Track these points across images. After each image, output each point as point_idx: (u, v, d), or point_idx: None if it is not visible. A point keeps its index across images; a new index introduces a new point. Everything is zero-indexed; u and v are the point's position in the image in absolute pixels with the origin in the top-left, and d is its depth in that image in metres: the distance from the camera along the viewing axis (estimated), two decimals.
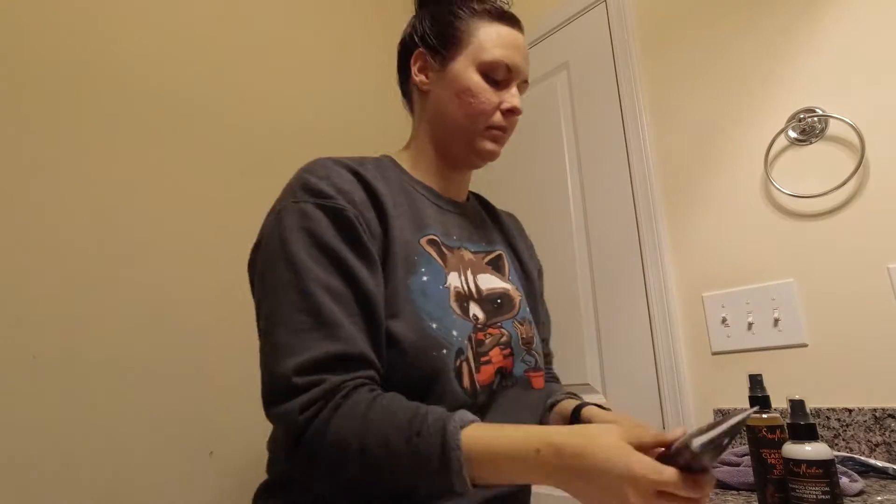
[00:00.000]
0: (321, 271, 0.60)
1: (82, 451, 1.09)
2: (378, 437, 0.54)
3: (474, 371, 0.66)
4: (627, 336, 1.34)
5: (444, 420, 0.54)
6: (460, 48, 0.75)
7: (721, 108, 1.24)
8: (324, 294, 0.59)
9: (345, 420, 0.55)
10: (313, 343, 0.57)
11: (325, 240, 0.61)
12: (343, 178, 0.66)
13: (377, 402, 0.56)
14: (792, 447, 0.66)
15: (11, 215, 1.10)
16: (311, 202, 0.63)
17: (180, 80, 1.41)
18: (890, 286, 0.97)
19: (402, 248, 0.67)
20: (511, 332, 0.73)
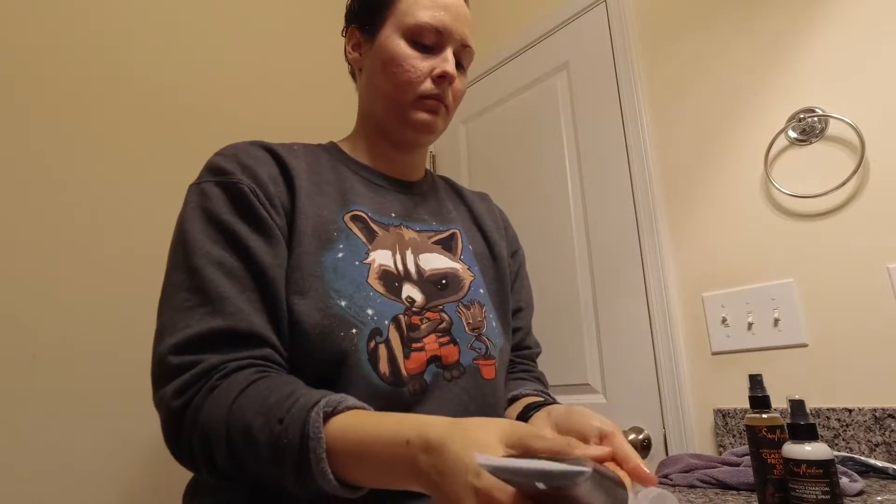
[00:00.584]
0: (212, 247, 0.57)
1: (82, 451, 1.09)
2: (240, 424, 0.48)
3: (401, 357, 0.61)
4: (627, 336, 1.34)
5: (310, 405, 0.46)
6: (386, 17, 0.71)
7: (721, 108, 1.24)
8: (212, 269, 0.56)
9: (214, 405, 0.50)
10: (194, 320, 0.53)
11: (219, 216, 0.58)
12: (250, 155, 0.64)
13: (255, 385, 0.50)
14: (792, 447, 0.66)
15: (11, 215, 1.10)
16: (211, 181, 0.61)
17: (180, 79, 1.41)
18: (890, 286, 0.97)
19: (315, 224, 0.63)
20: (452, 318, 0.67)
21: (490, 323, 0.72)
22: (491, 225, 0.84)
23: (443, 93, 0.70)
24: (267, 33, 1.65)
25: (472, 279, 0.73)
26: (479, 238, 0.81)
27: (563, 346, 1.45)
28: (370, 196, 0.71)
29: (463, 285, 0.71)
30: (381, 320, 0.61)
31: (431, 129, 0.72)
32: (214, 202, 0.59)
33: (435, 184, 0.84)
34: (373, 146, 0.75)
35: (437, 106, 0.70)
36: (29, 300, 1.08)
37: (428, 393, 0.62)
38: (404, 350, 0.61)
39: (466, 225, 0.81)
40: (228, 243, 0.58)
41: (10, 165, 1.11)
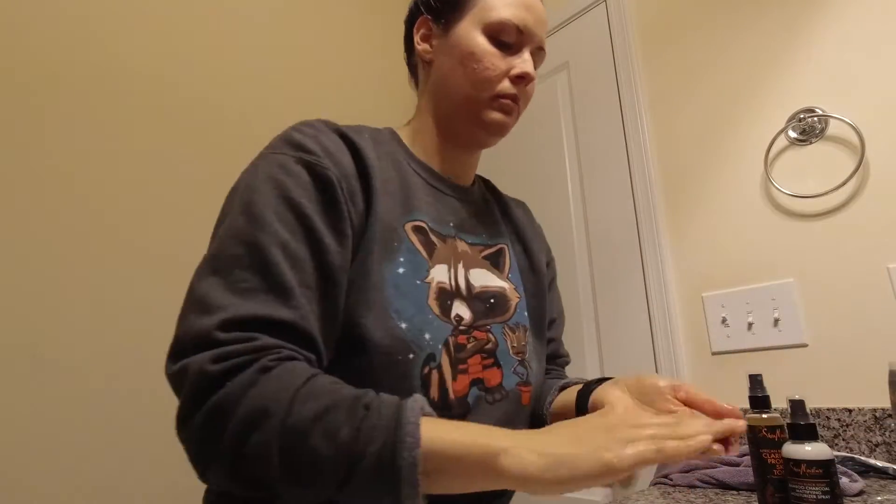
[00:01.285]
0: (283, 228, 0.51)
1: (83, 451, 1.09)
2: (312, 408, 0.41)
3: (449, 380, 0.58)
4: (627, 336, 1.34)
5: (398, 403, 0.42)
6: (465, 10, 0.68)
7: (721, 108, 1.24)
8: (280, 254, 0.49)
9: (273, 386, 0.42)
10: (255, 304, 0.46)
11: (297, 198, 0.53)
12: (332, 140, 0.59)
13: (318, 379, 0.44)
14: (792, 447, 0.66)
15: (11, 215, 1.10)
16: (292, 155, 0.56)
17: (180, 78, 1.41)
18: (890, 286, 0.97)
19: (384, 230, 0.59)
20: (498, 339, 0.65)
21: (531, 348, 0.70)
22: (531, 236, 0.81)
23: (519, 93, 0.68)
24: (270, 29, 1.65)
25: (517, 300, 0.71)
26: (521, 252, 0.78)
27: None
28: (429, 202, 0.67)
29: (510, 306, 0.69)
30: (436, 345, 0.58)
31: (503, 130, 0.69)
32: (294, 180, 0.53)
33: (483, 190, 0.81)
34: (435, 144, 0.71)
35: (512, 107, 0.68)
36: (29, 300, 1.08)
37: (469, 416, 0.60)
38: (452, 372, 0.58)
39: (511, 238, 0.78)
40: (300, 230, 0.52)
41: (10, 165, 1.11)
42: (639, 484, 1.25)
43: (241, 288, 0.47)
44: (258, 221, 0.50)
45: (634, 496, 0.90)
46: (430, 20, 0.71)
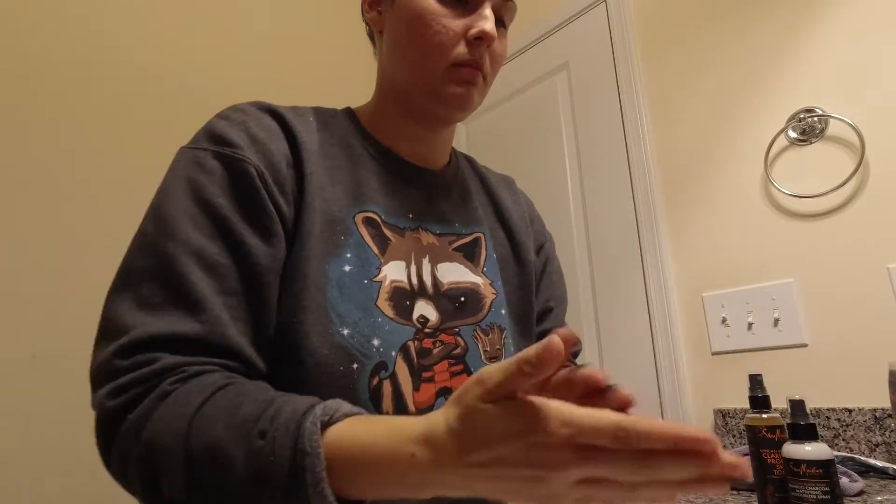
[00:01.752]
0: (195, 233, 0.46)
1: (82, 451, 1.09)
2: (203, 440, 0.37)
3: (409, 390, 0.52)
4: (627, 336, 1.34)
5: (301, 413, 0.36)
6: None
7: (721, 108, 1.24)
8: (191, 262, 0.45)
9: (167, 415, 0.39)
10: (160, 320, 0.43)
11: (211, 197, 0.47)
12: (261, 125, 0.53)
13: (223, 392, 0.40)
14: (792, 447, 0.66)
15: (11, 215, 1.10)
16: (209, 150, 0.50)
17: (178, 79, 1.41)
18: (890, 286, 0.97)
19: (327, 222, 0.53)
20: (468, 343, 0.58)
21: (509, 349, 0.62)
22: (518, 221, 0.71)
23: (479, 58, 0.57)
24: (266, 29, 1.65)
25: (493, 297, 0.63)
26: (503, 239, 0.69)
27: None
28: (385, 191, 0.59)
29: (483, 305, 0.61)
30: (388, 351, 0.51)
31: (465, 105, 0.59)
32: (209, 178, 0.48)
33: (460, 170, 0.70)
34: (394, 123, 0.62)
35: (472, 75, 0.57)
36: (29, 300, 1.08)
37: None
38: (413, 381, 0.53)
39: (491, 223, 0.69)
40: (217, 233, 0.47)
41: (10, 165, 1.11)
42: None
43: (150, 303, 0.44)
44: (169, 227, 0.46)
45: None
46: None
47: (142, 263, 0.46)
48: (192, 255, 0.45)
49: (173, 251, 0.45)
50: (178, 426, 0.38)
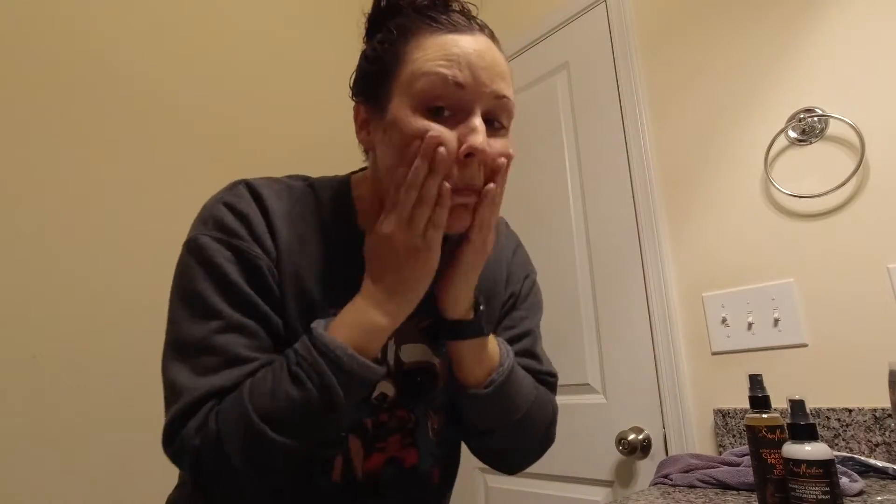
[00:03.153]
0: (230, 309, 0.54)
1: (83, 451, 1.09)
2: (260, 399, 0.50)
3: (359, 460, 0.59)
4: (627, 336, 1.34)
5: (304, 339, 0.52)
6: (392, 83, 0.55)
7: (721, 107, 1.24)
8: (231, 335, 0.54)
9: (224, 411, 0.51)
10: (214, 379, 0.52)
11: (235, 280, 0.55)
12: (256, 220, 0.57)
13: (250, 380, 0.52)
14: (792, 447, 0.66)
15: (11, 215, 1.10)
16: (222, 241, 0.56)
17: (176, 82, 1.41)
18: (890, 286, 0.97)
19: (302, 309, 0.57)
20: (419, 419, 0.63)
21: (450, 429, 0.68)
22: (489, 288, 0.69)
23: (470, 179, 0.53)
24: (266, 35, 1.65)
25: (446, 378, 0.66)
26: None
27: (563, 346, 1.45)
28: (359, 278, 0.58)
29: (437, 384, 0.65)
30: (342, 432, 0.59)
31: (456, 228, 0.56)
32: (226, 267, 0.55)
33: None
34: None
35: (464, 199, 0.54)
36: (29, 300, 1.08)
37: (377, 492, 0.61)
38: (365, 451, 0.60)
39: None
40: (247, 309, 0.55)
41: (10, 166, 1.11)
42: (639, 484, 1.26)
43: (205, 370, 0.53)
44: (208, 307, 0.54)
45: (634, 496, 0.90)
46: (362, 103, 0.60)
47: (192, 339, 0.54)
48: (231, 328, 0.54)
49: (215, 327, 0.54)
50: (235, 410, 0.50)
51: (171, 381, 0.54)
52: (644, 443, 1.25)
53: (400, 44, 0.55)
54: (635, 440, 1.24)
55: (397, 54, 0.55)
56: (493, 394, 0.60)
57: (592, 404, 1.36)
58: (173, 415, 0.52)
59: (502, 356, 0.63)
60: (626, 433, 1.26)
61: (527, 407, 0.65)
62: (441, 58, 0.53)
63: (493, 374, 0.61)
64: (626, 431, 1.27)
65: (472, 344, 0.60)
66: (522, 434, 0.67)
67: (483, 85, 0.53)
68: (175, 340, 0.55)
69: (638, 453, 1.25)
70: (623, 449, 1.25)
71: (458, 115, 0.53)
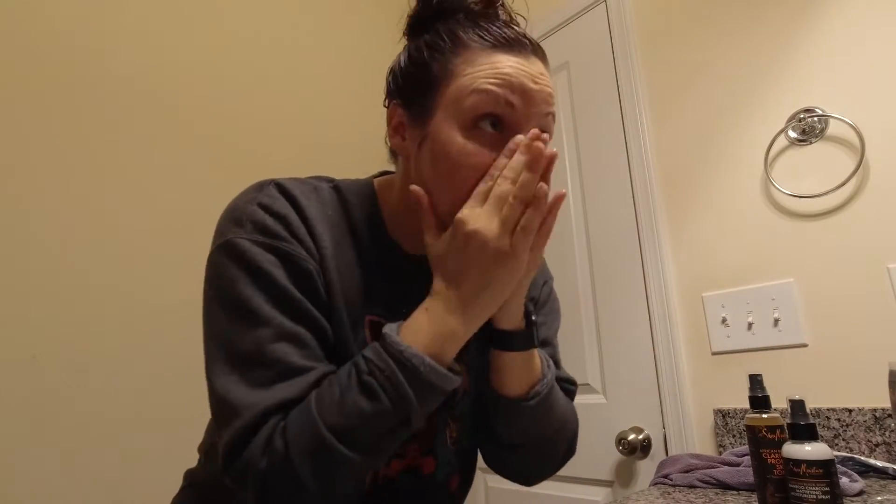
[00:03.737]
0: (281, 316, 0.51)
1: (83, 451, 1.09)
2: (329, 413, 0.46)
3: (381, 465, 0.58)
4: (627, 336, 1.34)
5: (378, 345, 0.49)
6: (436, 98, 0.54)
7: (721, 107, 1.24)
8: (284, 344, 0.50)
9: (292, 427, 0.47)
10: (271, 394, 0.48)
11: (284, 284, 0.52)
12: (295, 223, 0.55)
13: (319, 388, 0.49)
14: (792, 447, 0.66)
15: (11, 215, 1.10)
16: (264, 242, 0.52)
17: (176, 82, 1.41)
18: (890, 286, 0.97)
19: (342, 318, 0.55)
20: (439, 427, 0.62)
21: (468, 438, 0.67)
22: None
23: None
24: (270, 35, 1.65)
25: (465, 389, 0.64)
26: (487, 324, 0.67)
27: (563, 346, 1.44)
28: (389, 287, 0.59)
29: (457, 392, 0.64)
30: None
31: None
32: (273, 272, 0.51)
33: None
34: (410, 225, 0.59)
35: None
36: (29, 300, 1.08)
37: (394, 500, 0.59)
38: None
39: None
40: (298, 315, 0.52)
41: (10, 165, 1.11)
42: (639, 484, 1.26)
43: (261, 383, 0.49)
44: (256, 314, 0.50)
45: (634, 496, 0.90)
46: (400, 106, 0.58)
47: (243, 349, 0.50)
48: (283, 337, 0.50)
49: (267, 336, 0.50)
50: (306, 423, 0.47)
51: (223, 397, 0.49)
52: (644, 443, 1.25)
53: (450, 55, 0.54)
54: (635, 440, 1.24)
55: (447, 65, 0.54)
56: (537, 406, 0.59)
57: (592, 404, 1.36)
58: (233, 434, 0.47)
59: (544, 369, 0.61)
60: (626, 433, 1.26)
61: (561, 422, 0.64)
62: (493, 76, 0.52)
63: (537, 385, 0.59)
64: (626, 431, 1.27)
65: (522, 355, 0.58)
66: (551, 449, 0.66)
67: (535, 106, 0.53)
68: (222, 352, 0.51)
69: (638, 453, 1.25)
70: (623, 449, 1.25)
71: (504, 133, 0.53)
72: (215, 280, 0.53)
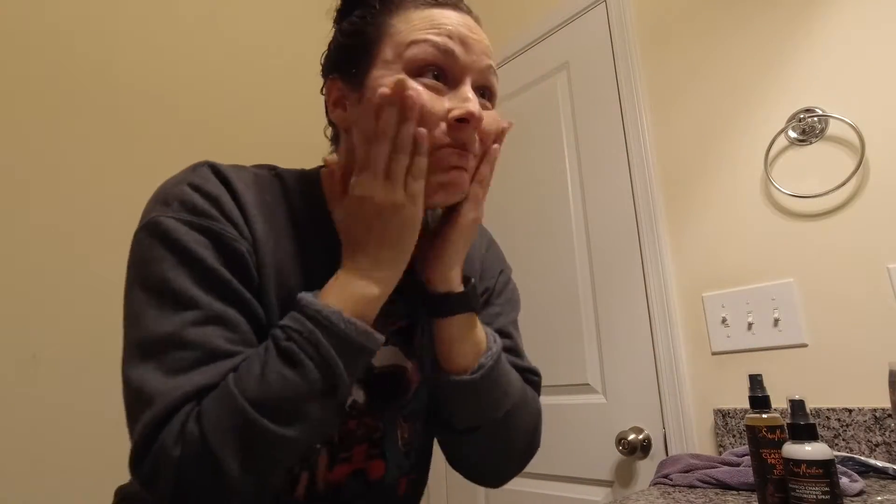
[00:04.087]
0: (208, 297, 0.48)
1: (83, 451, 1.09)
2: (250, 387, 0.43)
3: (322, 470, 0.55)
4: (627, 336, 1.34)
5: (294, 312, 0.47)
6: (373, 54, 0.53)
7: (721, 108, 1.24)
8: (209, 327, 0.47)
9: (208, 409, 0.43)
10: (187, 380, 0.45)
11: (211, 263, 0.49)
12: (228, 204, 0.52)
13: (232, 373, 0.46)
14: (792, 447, 0.66)
15: (11, 216, 1.10)
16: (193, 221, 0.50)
17: (177, 82, 1.41)
18: (890, 286, 0.97)
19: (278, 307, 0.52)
20: (387, 429, 0.59)
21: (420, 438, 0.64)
22: None
23: (468, 141, 0.52)
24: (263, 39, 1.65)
25: (418, 383, 0.62)
26: None
27: (562, 346, 1.45)
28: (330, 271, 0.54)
29: (409, 389, 0.61)
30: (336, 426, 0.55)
31: (453, 191, 0.53)
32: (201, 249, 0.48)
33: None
34: None
35: (459, 157, 0.52)
36: (29, 300, 1.08)
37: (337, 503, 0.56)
38: (330, 462, 0.55)
39: None
40: (225, 294, 0.49)
41: (10, 166, 1.11)
42: (639, 484, 1.26)
43: (176, 369, 0.45)
44: (178, 295, 0.47)
45: (634, 496, 0.90)
46: (338, 79, 0.58)
47: (163, 333, 0.46)
48: (210, 320, 0.47)
49: (190, 318, 0.46)
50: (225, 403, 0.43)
51: (138, 388, 0.45)
52: (644, 443, 1.25)
53: (383, 15, 0.54)
54: (635, 440, 1.24)
55: (380, 26, 0.54)
56: (482, 380, 0.56)
57: (592, 404, 1.36)
58: (143, 426, 0.43)
59: (489, 340, 0.58)
60: (626, 433, 1.26)
61: (514, 401, 0.60)
62: (430, 27, 0.52)
63: (481, 357, 0.56)
64: (626, 431, 1.27)
65: (462, 322, 0.55)
66: (508, 434, 0.62)
67: (474, 55, 0.53)
68: (139, 338, 0.47)
69: (638, 453, 1.25)
70: (623, 449, 1.25)
71: (447, 83, 0.53)
72: (137, 262, 0.50)
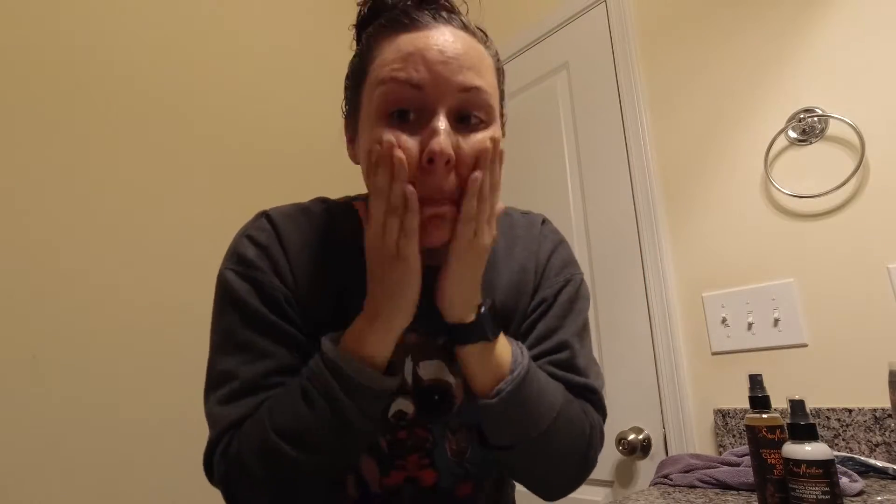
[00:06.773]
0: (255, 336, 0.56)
1: (83, 451, 1.09)
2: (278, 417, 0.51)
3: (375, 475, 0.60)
4: (627, 336, 1.34)
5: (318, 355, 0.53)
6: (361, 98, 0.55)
7: (721, 108, 1.24)
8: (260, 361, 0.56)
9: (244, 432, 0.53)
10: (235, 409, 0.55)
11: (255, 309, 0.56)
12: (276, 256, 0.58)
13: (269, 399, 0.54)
14: (792, 447, 0.66)
15: (12, 216, 1.10)
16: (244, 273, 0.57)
17: (177, 83, 1.41)
18: (890, 286, 0.97)
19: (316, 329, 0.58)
20: (437, 440, 0.61)
21: (474, 448, 0.64)
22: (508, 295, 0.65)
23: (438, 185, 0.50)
24: (264, 38, 1.65)
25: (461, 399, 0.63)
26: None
27: None
28: None
29: (453, 404, 0.62)
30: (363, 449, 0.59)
31: (433, 241, 0.52)
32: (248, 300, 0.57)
33: None
34: None
35: (434, 210, 0.50)
36: (29, 300, 1.08)
37: None
38: (381, 469, 0.60)
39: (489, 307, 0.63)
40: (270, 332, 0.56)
41: (11, 166, 1.11)
42: (639, 484, 1.26)
43: (228, 399, 0.54)
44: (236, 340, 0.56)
45: (634, 496, 0.90)
46: (346, 118, 0.61)
47: (220, 370, 0.56)
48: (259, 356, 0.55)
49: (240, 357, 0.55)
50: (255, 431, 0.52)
51: (207, 413, 0.56)
52: (644, 443, 1.25)
53: (366, 53, 0.55)
54: (635, 440, 1.24)
55: (363, 65, 0.55)
56: (500, 403, 0.55)
57: None
58: (209, 443, 0.55)
59: (514, 363, 0.56)
60: (626, 433, 1.26)
61: (549, 422, 0.57)
62: (395, 61, 0.51)
63: (501, 382, 0.55)
64: (626, 431, 1.27)
65: (476, 350, 0.55)
66: (547, 453, 0.59)
67: (443, 81, 0.50)
68: (208, 372, 0.58)
69: (638, 453, 1.25)
70: (623, 449, 1.25)
71: (421, 119, 0.50)
72: (213, 307, 0.60)
